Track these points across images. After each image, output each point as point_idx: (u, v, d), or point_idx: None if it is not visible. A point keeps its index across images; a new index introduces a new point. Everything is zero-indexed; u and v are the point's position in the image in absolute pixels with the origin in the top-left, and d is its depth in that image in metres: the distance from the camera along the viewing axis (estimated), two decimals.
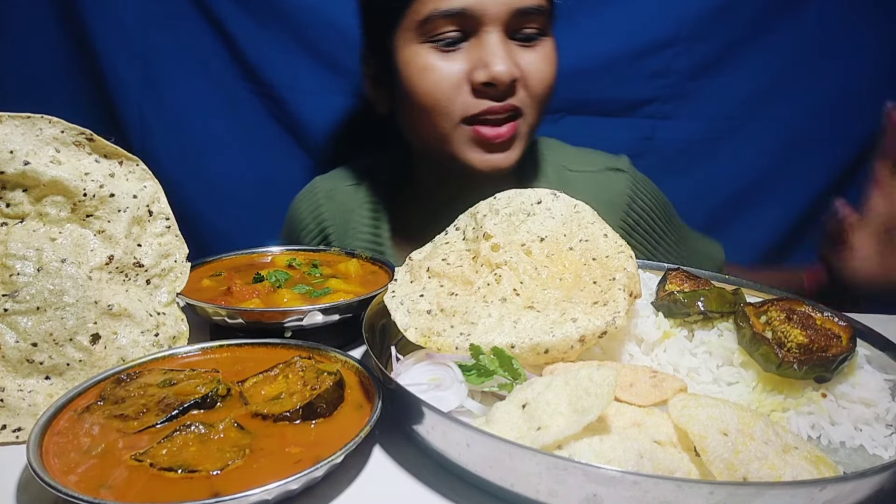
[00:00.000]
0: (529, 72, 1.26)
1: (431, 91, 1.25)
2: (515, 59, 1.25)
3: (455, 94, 1.25)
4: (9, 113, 0.83)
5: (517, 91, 1.26)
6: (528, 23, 1.25)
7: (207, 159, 1.80)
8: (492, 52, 1.21)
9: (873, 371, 0.86)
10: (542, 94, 1.29)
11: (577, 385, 0.65)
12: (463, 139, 1.28)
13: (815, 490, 0.57)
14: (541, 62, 1.27)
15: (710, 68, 1.84)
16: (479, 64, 1.23)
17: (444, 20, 1.22)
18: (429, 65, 1.25)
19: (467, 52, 1.25)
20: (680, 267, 1.00)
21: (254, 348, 0.86)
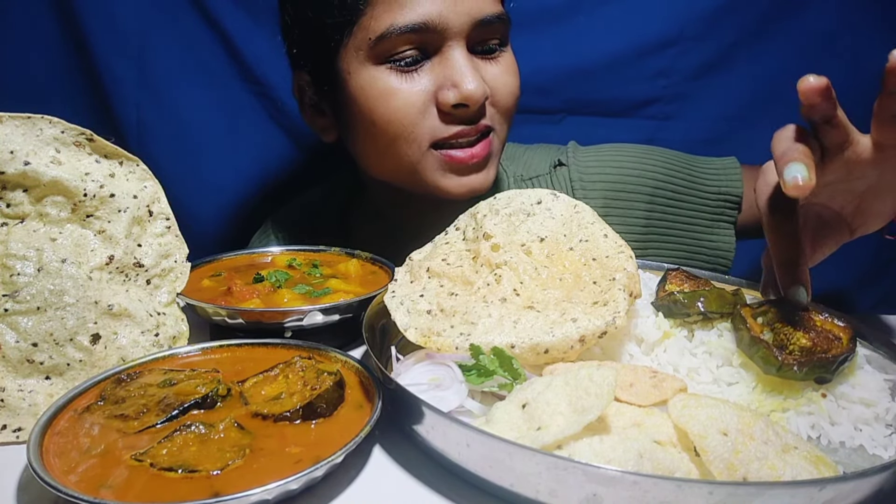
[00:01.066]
0: (496, 86, 1.18)
1: (395, 118, 1.14)
2: (482, 73, 1.16)
3: (421, 119, 1.14)
4: (9, 113, 0.83)
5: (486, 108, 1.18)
6: (490, 34, 1.17)
7: (205, 159, 1.80)
8: (459, 70, 1.12)
9: (873, 371, 0.86)
10: (510, 106, 1.22)
11: (577, 385, 0.65)
12: (433, 166, 1.19)
13: (814, 490, 0.57)
14: (506, 74, 1.20)
15: (712, 68, 1.84)
16: (445, 83, 1.13)
17: (403, 37, 1.10)
18: (390, 89, 1.13)
19: (430, 71, 1.14)
20: (680, 267, 1.00)
21: (254, 348, 0.86)
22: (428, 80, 1.15)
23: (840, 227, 0.92)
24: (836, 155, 0.81)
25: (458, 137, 1.17)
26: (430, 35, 1.12)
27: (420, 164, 1.19)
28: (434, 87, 1.14)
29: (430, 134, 1.16)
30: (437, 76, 1.14)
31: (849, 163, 0.82)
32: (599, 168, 1.41)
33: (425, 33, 1.11)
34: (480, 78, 1.14)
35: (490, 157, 1.22)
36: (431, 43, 1.13)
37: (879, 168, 0.83)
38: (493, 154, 1.23)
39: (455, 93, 1.12)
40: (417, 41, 1.12)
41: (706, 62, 1.84)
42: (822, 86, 0.76)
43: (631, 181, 1.40)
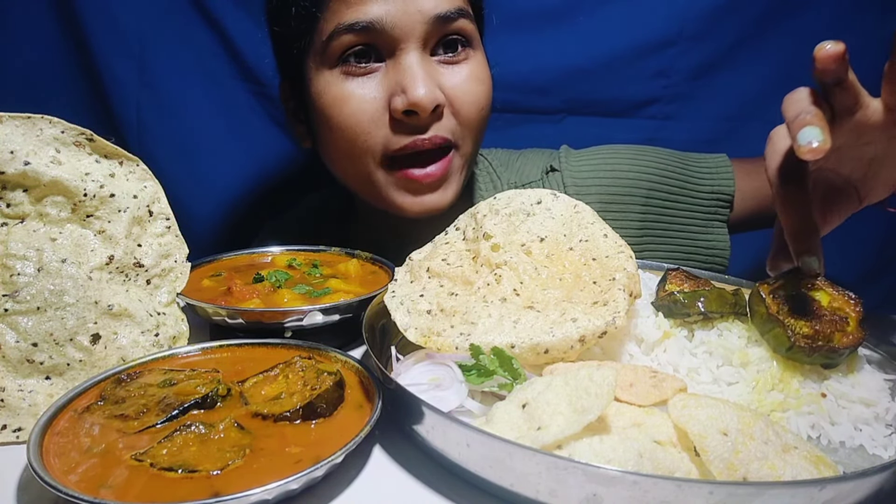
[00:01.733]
0: (456, 95, 1.12)
1: (348, 124, 1.11)
2: (439, 80, 1.11)
3: (373, 128, 1.11)
4: (9, 113, 0.83)
5: (444, 117, 1.12)
6: (451, 32, 1.11)
7: (205, 159, 1.80)
8: (410, 74, 1.07)
9: (873, 371, 0.86)
10: (475, 118, 1.15)
11: (577, 385, 0.65)
12: (389, 183, 1.16)
13: (814, 490, 0.57)
14: (469, 81, 1.13)
15: (712, 68, 1.84)
16: (397, 89, 1.08)
17: (351, 36, 1.07)
18: (342, 94, 1.10)
19: (383, 77, 1.10)
20: (680, 267, 1.00)
21: (254, 348, 0.86)
22: (380, 86, 1.11)
23: (849, 195, 0.91)
24: (847, 117, 0.80)
25: (412, 148, 1.12)
26: (381, 36, 1.08)
27: (374, 177, 1.16)
28: (387, 93, 1.10)
29: (382, 144, 1.13)
30: (389, 82, 1.10)
31: (858, 126, 0.81)
32: (593, 171, 1.39)
33: (374, 34, 1.08)
34: (434, 84, 1.09)
35: (449, 176, 1.16)
36: (384, 45, 1.10)
37: (889, 132, 0.82)
38: (453, 172, 1.17)
39: (402, 98, 1.08)
40: (366, 41, 1.09)
41: (706, 62, 1.84)
42: (840, 52, 0.75)
43: (625, 183, 1.38)
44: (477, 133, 1.18)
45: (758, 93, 1.89)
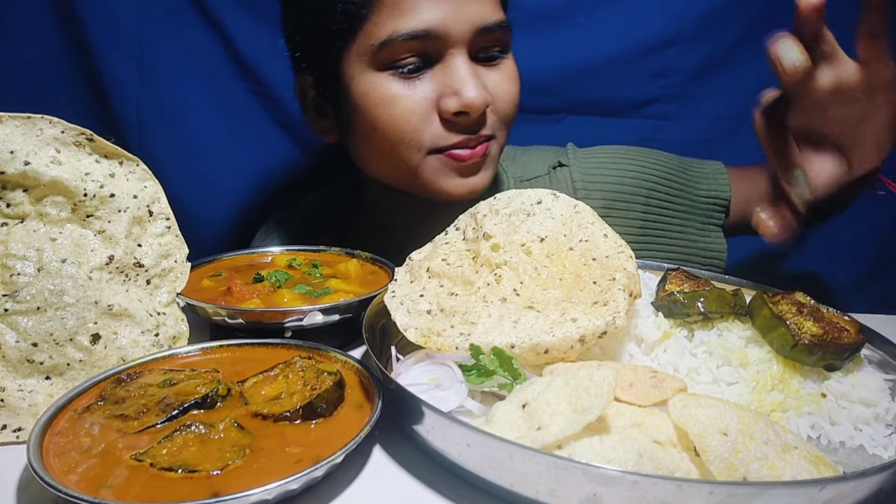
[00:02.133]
0: (496, 94, 1.19)
1: (398, 124, 1.15)
2: (483, 81, 1.17)
3: (423, 126, 1.15)
4: (9, 113, 0.83)
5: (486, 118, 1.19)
6: (492, 41, 1.17)
7: (205, 159, 1.80)
8: (461, 78, 1.12)
9: (873, 371, 0.86)
10: (510, 114, 1.23)
11: (577, 385, 0.65)
12: (433, 168, 1.20)
13: (814, 490, 0.57)
14: (506, 82, 1.21)
15: (711, 68, 1.84)
16: (447, 91, 1.13)
17: (405, 44, 1.11)
18: (392, 95, 1.14)
19: (433, 78, 1.15)
20: (680, 267, 1.00)
21: (254, 348, 0.86)
22: (430, 88, 1.15)
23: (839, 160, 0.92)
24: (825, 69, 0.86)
25: (462, 147, 1.18)
26: (432, 42, 1.12)
27: (420, 167, 1.20)
28: (435, 94, 1.15)
29: (431, 141, 1.17)
30: (438, 84, 1.15)
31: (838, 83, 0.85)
32: (599, 170, 1.42)
33: (427, 40, 1.12)
34: (481, 86, 1.15)
35: (487, 159, 1.23)
36: (433, 50, 1.14)
37: (868, 91, 0.85)
38: (491, 157, 1.24)
39: (456, 101, 1.13)
40: (419, 48, 1.13)
41: (705, 62, 1.84)
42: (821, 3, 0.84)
43: (629, 183, 1.41)
44: (509, 126, 1.26)
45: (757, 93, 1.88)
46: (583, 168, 1.42)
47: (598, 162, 1.44)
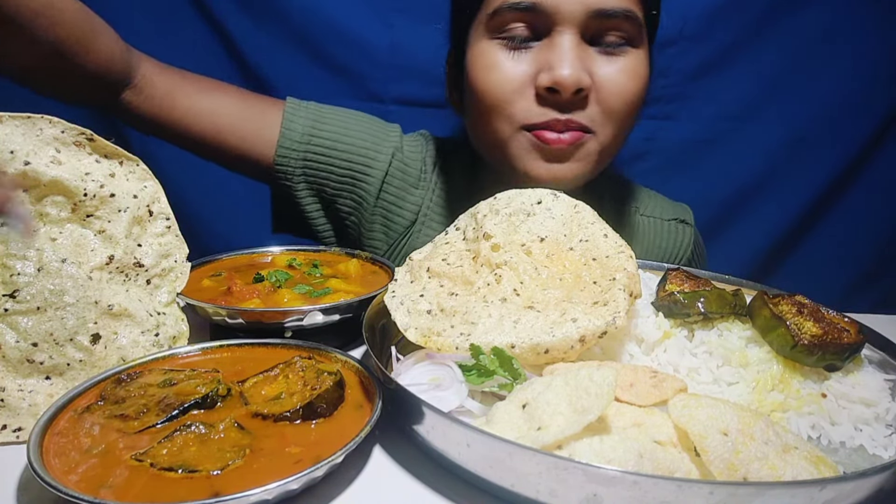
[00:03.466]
0: (604, 83, 1.15)
1: (492, 90, 1.17)
2: (590, 66, 1.14)
3: (517, 98, 1.16)
4: (9, 113, 0.83)
5: (588, 105, 1.16)
6: (612, 28, 1.14)
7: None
8: (559, 54, 1.11)
9: (873, 371, 0.86)
10: (619, 110, 1.17)
11: (577, 385, 0.65)
12: (522, 146, 1.19)
13: (815, 490, 0.57)
14: (620, 73, 1.16)
15: (711, 68, 1.84)
16: (544, 66, 1.13)
17: (513, 14, 1.14)
18: (494, 62, 1.17)
19: (536, 54, 1.15)
20: (680, 267, 1.00)
21: (254, 348, 0.86)
22: (531, 62, 1.15)
23: None
24: None
25: (548, 128, 1.16)
26: (541, 17, 1.13)
27: (510, 142, 1.20)
28: (535, 69, 1.15)
29: (522, 115, 1.17)
30: (540, 59, 1.15)
31: None
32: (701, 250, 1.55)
33: (535, 14, 1.12)
34: (581, 67, 1.12)
35: (579, 150, 1.19)
36: (542, 25, 1.14)
37: None
38: (586, 151, 1.19)
39: (549, 75, 1.12)
40: (528, 21, 1.14)
41: (705, 62, 1.84)
42: None
43: None
44: (619, 125, 1.20)
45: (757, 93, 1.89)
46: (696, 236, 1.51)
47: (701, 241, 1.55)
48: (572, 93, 1.12)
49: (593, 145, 1.20)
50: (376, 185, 1.37)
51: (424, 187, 1.43)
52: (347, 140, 1.35)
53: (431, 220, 1.43)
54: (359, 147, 1.35)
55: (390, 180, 1.39)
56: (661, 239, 1.47)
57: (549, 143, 1.16)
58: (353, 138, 1.36)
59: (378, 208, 1.40)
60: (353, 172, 1.36)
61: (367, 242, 1.43)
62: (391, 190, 1.39)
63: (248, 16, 1.72)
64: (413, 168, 1.42)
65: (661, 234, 1.48)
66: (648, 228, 1.48)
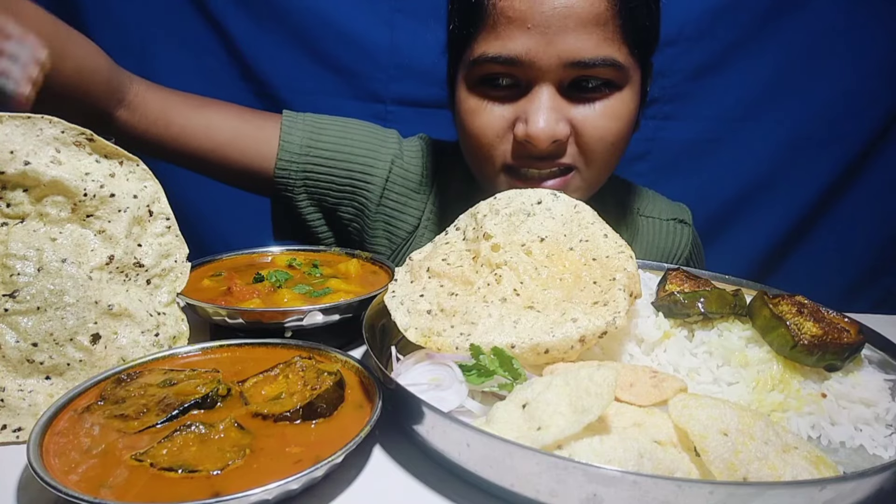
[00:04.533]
0: (584, 127, 1.18)
1: (476, 134, 1.22)
2: (569, 112, 1.17)
3: (497, 143, 1.21)
4: (9, 113, 0.83)
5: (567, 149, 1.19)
6: (591, 76, 1.16)
7: None
8: (535, 107, 1.15)
9: (873, 371, 0.86)
10: (600, 150, 1.20)
11: (578, 385, 0.65)
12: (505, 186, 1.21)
13: (815, 490, 0.57)
14: (599, 117, 1.18)
15: (711, 69, 1.84)
16: (522, 116, 1.17)
17: (493, 66, 1.17)
18: (477, 108, 1.21)
19: (518, 102, 1.19)
20: (680, 267, 1.00)
21: (254, 348, 0.86)
22: (511, 110, 1.19)
23: None
24: None
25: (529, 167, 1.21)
26: (521, 70, 1.16)
27: (496, 181, 1.25)
28: (514, 116, 1.19)
29: (502, 158, 1.22)
30: (519, 108, 1.18)
31: None
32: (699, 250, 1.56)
33: (515, 67, 1.16)
34: (558, 119, 1.16)
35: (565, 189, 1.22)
36: (524, 76, 1.17)
37: None
38: (570, 187, 1.23)
39: (523, 128, 1.16)
40: (508, 72, 1.17)
41: (705, 62, 1.84)
42: None
43: None
44: (601, 163, 1.23)
45: (757, 93, 1.89)
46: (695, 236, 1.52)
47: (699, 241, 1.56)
48: (547, 145, 1.16)
49: (577, 182, 1.24)
50: (377, 192, 1.39)
51: (425, 192, 1.45)
52: (346, 149, 1.38)
53: (434, 223, 1.44)
54: (358, 155, 1.38)
55: (391, 186, 1.41)
56: (659, 239, 1.49)
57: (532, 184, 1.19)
58: (352, 146, 1.39)
59: (380, 214, 1.41)
60: (354, 181, 1.38)
61: (371, 248, 1.44)
62: (392, 196, 1.41)
63: (248, 16, 1.72)
64: (413, 173, 1.44)
65: (660, 234, 1.49)
66: (648, 229, 1.50)
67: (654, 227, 1.50)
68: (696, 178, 1.92)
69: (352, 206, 1.41)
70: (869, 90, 1.87)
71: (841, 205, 2.04)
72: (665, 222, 1.51)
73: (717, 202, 2.00)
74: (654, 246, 1.49)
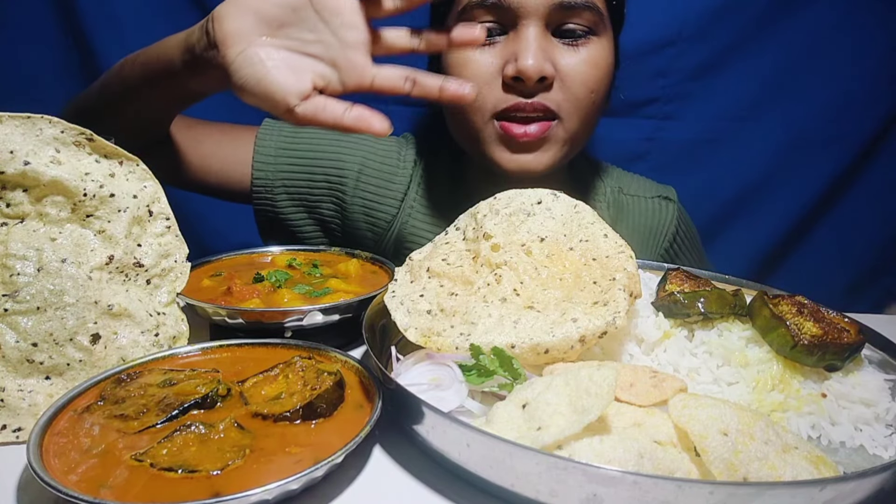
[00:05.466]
0: (567, 73, 1.21)
1: None
2: (553, 56, 1.20)
3: (487, 90, 1.22)
4: (9, 113, 0.83)
5: (552, 90, 1.22)
6: (573, 18, 1.20)
7: None
8: (524, 45, 1.17)
9: (873, 371, 0.86)
10: (582, 97, 1.23)
11: (578, 385, 0.65)
12: (492, 137, 1.25)
13: (815, 490, 0.57)
14: (582, 63, 1.21)
15: (711, 68, 1.84)
16: (510, 58, 1.19)
17: (480, 10, 1.20)
18: (465, 58, 1.23)
19: (503, 46, 1.21)
20: (680, 267, 1.00)
21: (254, 348, 0.86)
22: (498, 55, 1.21)
23: None
24: None
25: (516, 110, 1.22)
26: (507, 12, 1.18)
27: (482, 132, 1.26)
28: (502, 61, 1.21)
29: (492, 104, 1.23)
30: (506, 51, 1.21)
31: None
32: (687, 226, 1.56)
33: (501, 9, 1.18)
34: (544, 58, 1.18)
35: (546, 141, 1.24)
36: (508, 20, 1.20)
37: None
38: (553, 139, 1.25)
39: (513, 66, 1.18)
40: (494, 15, 1.20)
41: (705, 62, 1.84)
42: None
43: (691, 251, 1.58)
44: (584, 113, 1.26)
45: (757, 93, 1.89)
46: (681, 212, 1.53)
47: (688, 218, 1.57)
48: (536, 81, 1.18)
49: (560, 132, 1.25)
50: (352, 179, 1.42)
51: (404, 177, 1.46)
52: (320, 148, 1.42)
53: (418, 211, 1.46)
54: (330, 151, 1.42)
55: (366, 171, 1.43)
56: (645, 217, 1.50)
57: (516, 137, 1.22)
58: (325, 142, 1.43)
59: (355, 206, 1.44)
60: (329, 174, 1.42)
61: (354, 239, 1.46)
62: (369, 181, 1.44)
63: None
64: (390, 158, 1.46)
65: (646, 211, 1.51)
66: (632, 207, 1.51)
67: (638, 205, 1.51)
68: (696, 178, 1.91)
69: (331, 201, 1.44)
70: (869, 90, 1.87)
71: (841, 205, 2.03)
72: (649, 200, 1.52)
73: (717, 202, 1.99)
74: (640, 224, 1.50)
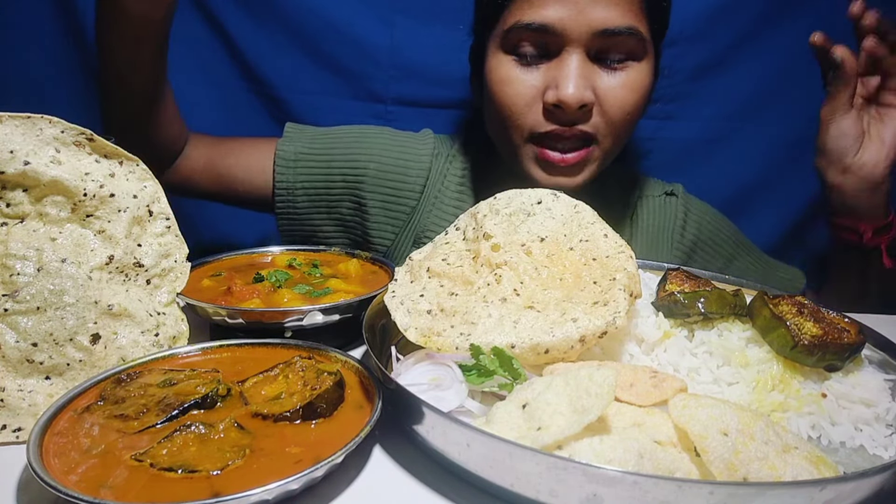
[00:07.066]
0: (607, 97, 1.24)
1: (506, 103, 1.27)
2: (594, 82, 1.23)
3: (527, 111, 1.25)
4: (9, 113, 0.83)
5: (592, 116, 1.24)
6: (615, 46, 1.23)
7: None
8: (565, 73, 1.20)
9: (873, 371, 0.86)
10: (619, 120, 1.26)
11: (578, 385, 0.65)
12: (529, 157, 1.29)
13: (815, 490, 0.57)
14: (621, 88, 1.24)
15: (711, 68, 1.84)
16: (552, 83, 1.22)
17: (525, 34, 1.23)
18: (507, 77, 1.26)
19: (546, 70, 1.24)
20: (680, 267, 1.00)
21: (254, 348, 0.86)
22: (541, 78, 1.25)
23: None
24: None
25: (555, 138, 1.26)
26: (551, 37, 1.22)
27: (519, 150, 1.31)
28: (544, 84, 1.24)
29: (530, 126, 1.27)
30: (549, 76, 1.24)
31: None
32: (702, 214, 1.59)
33: (545, 35, 1.21)
34: (586, 86, 1.22)
35: (585, 164, 1.29)
36: (553, 44, 1.23)
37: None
38: (590, 160, 1.29)
39: (554, 93, 1.21)
40: (538, 40, 1.23)
41: (705, 62, 1.84)
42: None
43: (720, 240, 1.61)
44: (619, 133, 1.30)
45: (758, 93, 1.89)
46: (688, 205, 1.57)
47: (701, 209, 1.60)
48: (575, 109, 1.21)
49: (596, 153, 1.29)
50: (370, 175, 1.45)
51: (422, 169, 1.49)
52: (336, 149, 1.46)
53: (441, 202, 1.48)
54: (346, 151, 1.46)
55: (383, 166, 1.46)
56: (654, 216, 1.53)
57: (555, 163, 1.27)
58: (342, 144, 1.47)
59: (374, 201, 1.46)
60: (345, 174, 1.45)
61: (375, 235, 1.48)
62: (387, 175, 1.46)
63: (248, 16, 1.72)
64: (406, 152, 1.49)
65: (654, 210, 1.54)
66: (642, 207, 1.54)
67: (648, 205, 1.54)
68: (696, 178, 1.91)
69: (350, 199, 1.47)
70: None
71: None
72: (657, 198, 1.55)
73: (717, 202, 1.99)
74: (650, 224, 1.53)
